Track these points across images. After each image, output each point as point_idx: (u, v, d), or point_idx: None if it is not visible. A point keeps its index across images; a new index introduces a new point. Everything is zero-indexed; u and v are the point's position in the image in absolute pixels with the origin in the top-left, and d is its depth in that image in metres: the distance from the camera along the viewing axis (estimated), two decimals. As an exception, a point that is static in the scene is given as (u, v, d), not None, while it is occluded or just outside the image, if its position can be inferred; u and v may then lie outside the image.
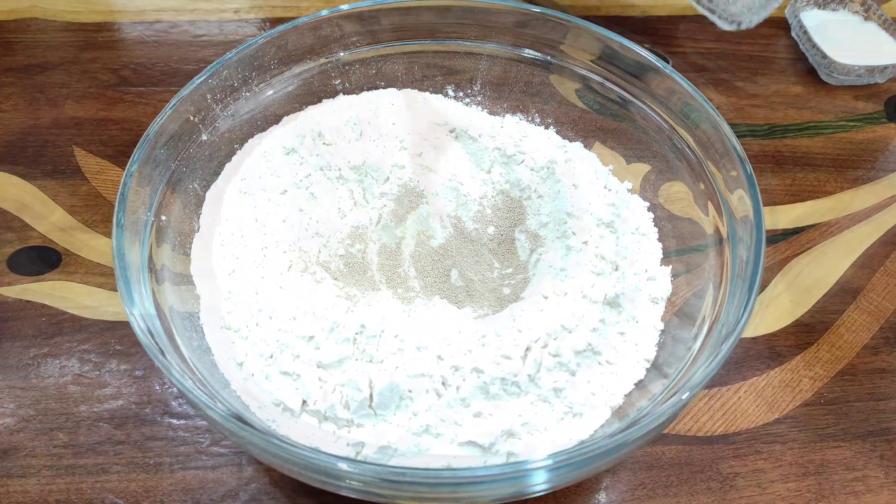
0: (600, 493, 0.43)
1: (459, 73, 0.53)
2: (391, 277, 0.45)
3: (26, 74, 0.62)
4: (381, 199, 0.47)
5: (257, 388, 0.38)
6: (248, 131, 0.49)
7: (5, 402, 0.45)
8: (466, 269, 0.45)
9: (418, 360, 0.37)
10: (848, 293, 0.52)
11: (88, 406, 0.45)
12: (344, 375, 0.37)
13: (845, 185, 0.58)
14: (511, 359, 0.38)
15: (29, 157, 0.57)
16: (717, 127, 0.43)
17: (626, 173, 0.50)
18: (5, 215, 0.53)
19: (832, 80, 0.63)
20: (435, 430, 0.37)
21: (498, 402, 0.37)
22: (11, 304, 0.49)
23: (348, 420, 0.37)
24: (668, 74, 0.46)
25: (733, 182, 0.42)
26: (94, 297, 0.49)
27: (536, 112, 0.53)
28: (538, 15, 0.50)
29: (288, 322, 0.39)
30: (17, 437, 0.43)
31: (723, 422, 0.45)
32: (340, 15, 0.50)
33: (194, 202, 0.46)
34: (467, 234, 0.46)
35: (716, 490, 0.43)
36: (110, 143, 0.58)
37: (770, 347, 0.49)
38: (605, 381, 0.40)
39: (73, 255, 0.51)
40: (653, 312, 0.43)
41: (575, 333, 0.39)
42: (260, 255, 0.42)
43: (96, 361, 0.46)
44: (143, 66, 0.63)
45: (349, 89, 0.52)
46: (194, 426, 0.44)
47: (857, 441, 0.45)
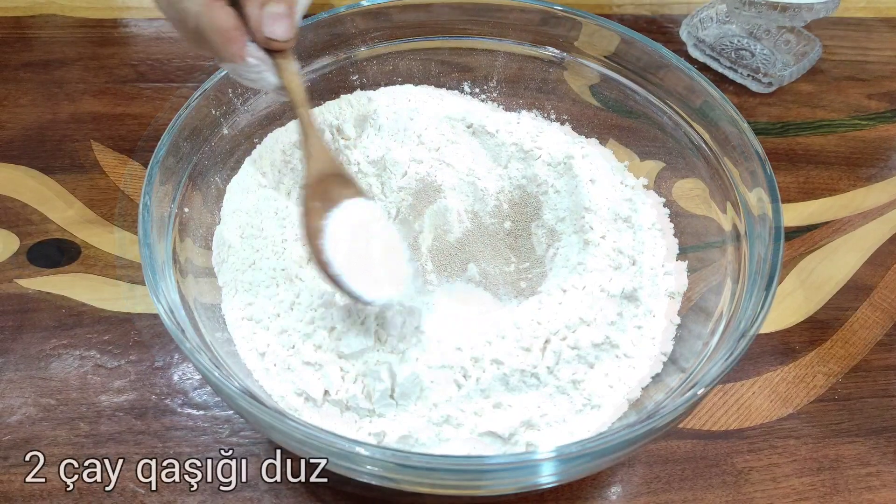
0: (616, 485, 0.43)
1: (475, 69, 0.54)
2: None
3: (44, 70, 0.63)
4: (399, 194, 0.47)
5: (279, 379, 0.39)
6: (267, 126, 0.49)
7: (27, 392, 0.45)
8: (484, 263, 0.45)
9: (439, 352, 0.38)
10: (861, 290, 0.52)
11: (109, 396, 0.45)
12: (365, 366, 0.38)
13: (857, 182, 0.58)
14: (530, 351, 0.38)
15: (47, 151, 0.57)
16: (737, 125, 0.43)
17: (639, 170, 0.50)
18: (25, 209, 0.54)
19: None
20: (455, 421, 0.37)
21: (517, 394, 0.38)
22: (31, 297, 0.49)
23: (370, 410, 0.37)
24: (685, 71, 0.46)
25: (752, 180, 0.42)
26: (114, 290, 0.50)
27: (552, 109, 0.53)
28: (553, 12, 0.50)
29: (309, 313, 0.39)
30: (39, 427, 0.44)
31: (737, 417, 0.46)
32: (358, 11, 0.50)
33: (215, 195, 0.46)
34: (484, 229, 0.47)
35: (730, 484, 0.43)
36: (128, 138, 0.58)
37: (784, 343, 0.49)
38: (623, 374, 0.40)
39: (92, 248, 0.52)
40: (669, 307, 0.43)
41: (593, 326, 0.40)
42: (280, 248, 0.43)
43: (116, 353, 0.47)
44: (160, 62, 0.64)
45: (367, 84, 0.52)
46: (213, 417, 0.44)
47: (871, 437, 0.45)
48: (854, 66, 0.66)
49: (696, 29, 0.66)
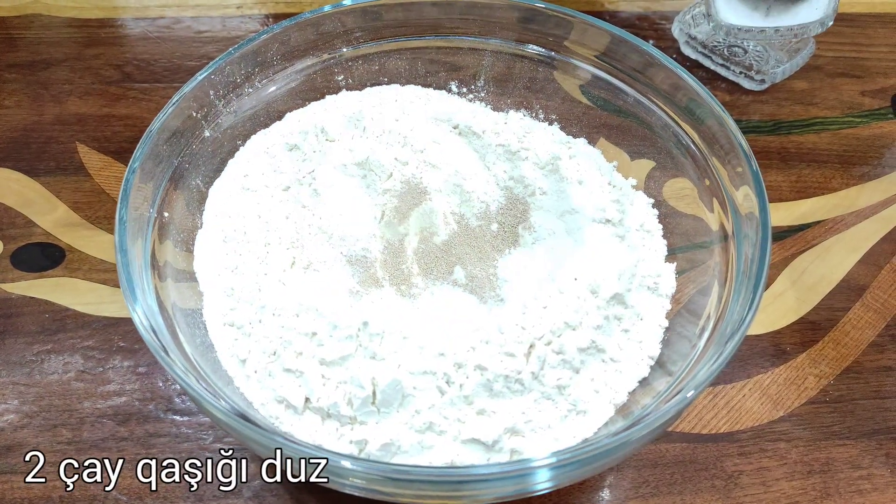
0: (604, 490, 0.43)
1: (463, 69, 0.53)
2: (394, 274, 0.44)
3: (29, 71, 0.62)
4: (384, 196, 0.47)
5: (260, 386, 0.38)
6: (250, 127, 0.49)
7: (9, 398, 0.45)
8: (470, 265, 0.44)
9: (421, 358, 0.37)
10: (853, 290, 0.51)
11: (92, 402, 0.45)
12: (347, 373, 0.37)
13: (851, 181, 0.57)
14: (515, 356, 0.37)
15: (32, 153, 0.57)
16: (723, 123, 0.43)
17: (629, 170, 0.50)
18: (9, 212, 0.53)
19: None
20: (438, 428, 0.36)
21: (501, 400, 0.37)
22: (15, 301, 0.49)
23: (351, 417, 0.37)
24: (673, 70, 0.46)
25: (739, 178, 0.41)
26: (98, 294, 0.49)
27: (540, 108, 0.53)
28: (541, 10, 0.50)
29: (291, 319, 0.38)
30: (21, 434, 0.43)
31: (727, 419, 0.45)
32: (343, 10, 0.50)
33: (197, 199, 0.45)
34: (471, 231, 0.46)
35: (720, 488, 0.43)
36: (113, 140, 0.58)
37: (775, 345, 0.49)
38: (609, 379, 0.39)
39: (76, 252, 0.51)
40: (657, 309, 0.42)
41: (579, 331, 0.39)
42: (263, 252, 0.42)
43: (100, 358, 0.47)
44: (147, 63, 0.63)
45: (352, 85, 0.51)
46: (197, 423, 0.44)
47: (862, 439, 0.45)
48: (848, 63, 0.65)
49: (689, 26, 0.65)
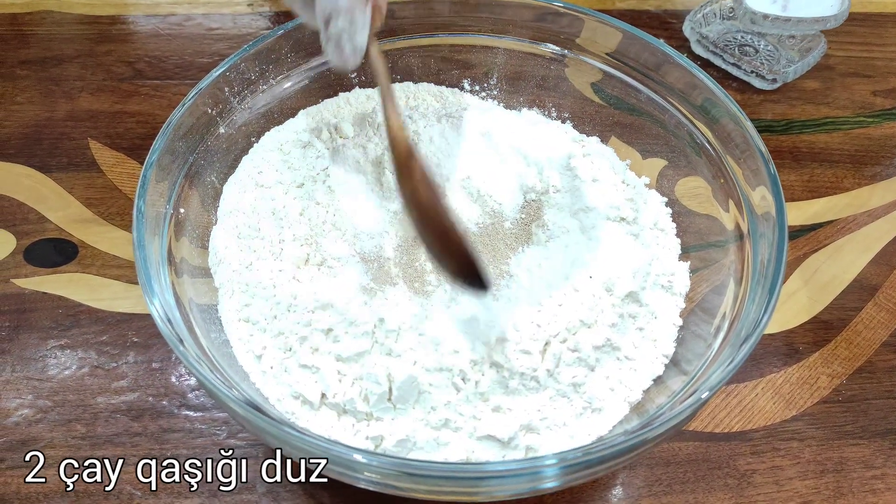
0: (616, 487, 0.43)
1: (475, 66, 0.53)
2: (408, 272, 0.44)
3: (41, 67, 0.62)
4: (397, 193, 0.47)
5: (276, 381, 0.38)
6: (264, 124, 0.49)
7: (24, 393, 0.45)
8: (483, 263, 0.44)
9: (437, 355, 0.37)
10: (866, 290, 0.51)
11: (106, 398, 0.45)
12: (363, 369, 0.37)
13: (863, 181, 0.57)
14: (530, 353, 0.38)
15: (45, 149, 0.57)
16: (739, 123, 0.42)
17: (641, 168, 0.50)
18: (22, 207, 0.53)
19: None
20: (454, 425, 0.37)
21: (517, 397, 0.37)
22: (29, 296, 0.49)
23: (367, 413, 0.37)
24: (688, 68, 0.46)
25: (755, 178, 0.41)
26: (111, 290, 0.49)
27: (553, 106, 0.53)
28: (554, 8, 0.50)
29: (307, 315, 0.38)
30: (36, 429, 0.43)
31: (740, 419, 0.45)
32: (357, 8, 0.49)
33: (212, 195, 0.46)
34: (484, 229, 0.46)
35: (733, 487, 0.43)
36: (126, 136, 0.58)
37: (788, 344, 0.49)
38: (624, 377, 0.39)
39: (89, 248, 0.51)
40: (671, 308, 0.42)
41: (594, 328, 0.39)
42: (277, 248, 0.42)
43: (113, 353, 0.47)
44: (158, 59, 0.63)
45: (365, 82, 0.51)
46: (211, 418, 0.44)
47: (875, 439, 0.45)
48: (860, 63, 0.65)
49: (700, 25, 0.65)
